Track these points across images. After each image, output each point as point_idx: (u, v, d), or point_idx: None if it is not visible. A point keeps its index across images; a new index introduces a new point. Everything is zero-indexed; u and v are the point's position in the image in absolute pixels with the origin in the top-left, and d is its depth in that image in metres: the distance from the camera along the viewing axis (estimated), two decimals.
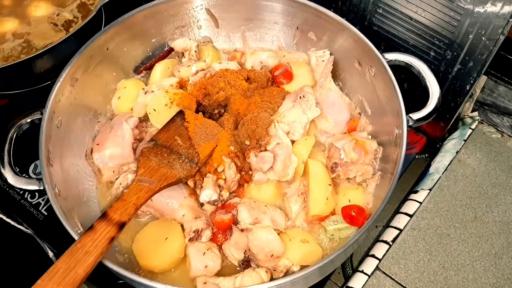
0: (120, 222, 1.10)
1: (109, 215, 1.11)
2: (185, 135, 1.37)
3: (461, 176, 1.60)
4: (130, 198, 1.16)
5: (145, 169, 1.26)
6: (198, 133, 1.37)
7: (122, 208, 1.13)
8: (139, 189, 1.21)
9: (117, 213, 1.11)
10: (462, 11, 1.33)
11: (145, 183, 1.22)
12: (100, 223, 1.09)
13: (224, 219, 1.31)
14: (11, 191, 1.59)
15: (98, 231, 1.06)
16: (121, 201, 1.16)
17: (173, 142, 1.36)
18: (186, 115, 1.40)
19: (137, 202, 1.16)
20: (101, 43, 1.49)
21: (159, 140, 1.36)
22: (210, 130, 1.38)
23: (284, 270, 1.27)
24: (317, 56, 1.55)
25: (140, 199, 1.18)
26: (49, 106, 1.33)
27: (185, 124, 1.39)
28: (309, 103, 1.44)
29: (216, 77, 1.51)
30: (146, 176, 1.24)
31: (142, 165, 1.28)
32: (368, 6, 1.55)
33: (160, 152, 1.32)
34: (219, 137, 1.37)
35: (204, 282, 1.24)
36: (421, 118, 1.30)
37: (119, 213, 1.11)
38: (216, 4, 1.66)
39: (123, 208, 1.13)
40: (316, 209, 1.35)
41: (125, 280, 1.16)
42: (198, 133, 1.37)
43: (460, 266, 1.43)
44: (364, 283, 1.41)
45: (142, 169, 1.27)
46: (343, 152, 1.37)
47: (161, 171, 1.27)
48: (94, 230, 1.07)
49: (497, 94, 1.68)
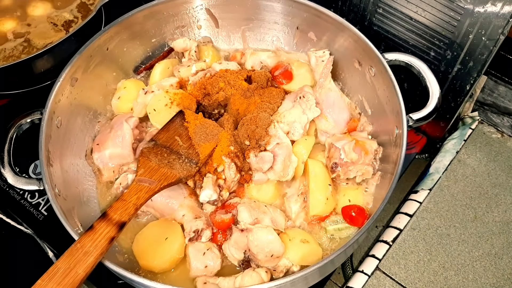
0: (120, 222, 1.09)
1: (109, 215, 1.11)
2: (185, 135, 1.37)
3: (461, 176, 1.60)
4: (130, 198, 1.16)
5: (145, 169, 1.26)
6: (198, 133, 1.37)
7: (122, 208, 1.13)
8: (139, 189, 1.21)
9: (117, 213, 1.11)
10: (462, 11, 1.33)
11: (145, 183, 1.22)
12: (100, 223, 1.08)
13: (224, 219, 1.31)
14: (11, 191, 1.59)
15: (98, 231, 1.06)
16: (121, 201, 1.16)
17: (173, 142, 1.36)
18: (186, 115, 1.40)
19: (137, 202, 1.16)
20: (101, 43, 1.49)
21: (159, 140, 1.36)
22: (210, 130, 1.38)
23: (284, 270, 1.27)
24: (317, 56, 1.55)
25: (140, 199, 1.17)
26: (49, 106, 1.33)
27: (185, 124, 1.39)
28: (309, 103, 1.44)
29: (216, 77, 1.51)
30: (146, 176, 1.24)
31: (142, 165, 1.28)
32: (368, 6, 1.55)
33: (160, 152, 1.32)
34: (219, 137, 1.37)
35: (204, 282, 1.24)
36: (421, 118, 1.30)
37: (119, 213, 1.11)
38: (216, 4, 1.66)
39: (123, 208, 1.13)
40: (316, 209, 1.35)
41: (125, 280, 1.16)
42: (198, 133, 1.37)
43: (460, 266, 1.43)
44: (364, 283, 1.41)
45: (142, 169, 1.26)
46: (343, 152, 1.37)
47: (161, 171, 1.27)
48: (94, 230, 1.06)
49: (497, 94, 1.68)
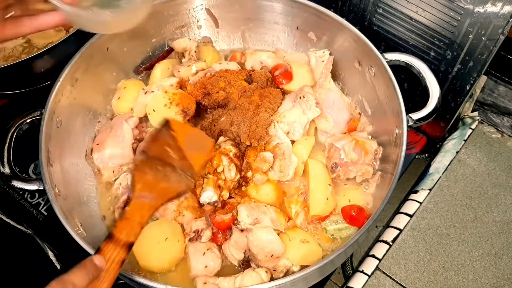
0: (128, 243, 1.05)
1: (115, 236, 1.05)
2: (175, 145, 1.31)
3: (461, 176, 1.60)
4: (133, 217, 1.12)
5: (143, 184, 1.21)
6: (187, 143, 1.31)
7: (128, 228, 1.08)
8: (141, 206, 1.16)
9: (123, 233, 1.06)
10: (462, 11, 1.33)
11: (146, 199, 1.20)
12: (107, 246, 1.03)
13: (224, 219, 1.31)
14: (11, 191, 1.59)
15: (106, 254, 1.01)
16: (125, 220, 1.10)
17: (164, 153, 1.31)
18: (171, 124, 1.33)
19: (142, 221, 1.12)
20: (101, 43, 1.49)
21: (149, 151, 1.29)
22: (200, 140, 1.34)
23: (284, 270, 1.27)
24: (317, 56, 1.55)
25: (144, 217, 1.13)
26: (49, 106, 1.33)
27: (172, 134, 1.33)
28: (309, 103, 1.44)
29: (216, 77, 1.51)
30: (145, 191, 1.21)
31: (139, 180, 1.22)
32: (368, 6, 1.55)
33: (154, 164, 1.28)
34: (210, 147, 1.34)
35: (204, 282, 1.24)
36: (421, 118, 1.30)
37: (125, 233, 1.07)
38: (216, 4, 1.66)
39: (129, 228, 1.09)
40: (316, 209, 1.35)
41: (125, 280, 1.16)
42: (187, 143, 1.31)
43: (460, 266, 1.43)
44: (364, 283, 1.41)
45: (139, 184, 1.21)
46: (343, 152, 1.37)
47: (160, 186, 1.22)
48: (103, 254, 1.01)
49: (497, 94, 1.68)
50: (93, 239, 1.13)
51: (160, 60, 1.66)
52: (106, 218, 1.42)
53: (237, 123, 1.43)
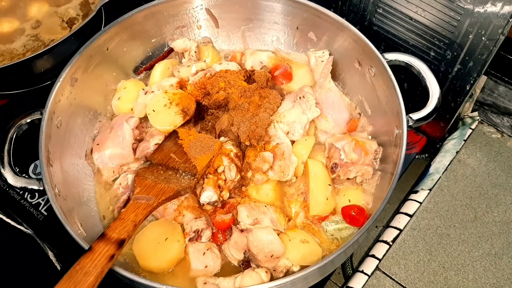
0: (119, 239, 1.08)
1: (107, 235, 1.08)
2: (180, 151, 1.36)
3: (461, 176, 1.60)
4: (128, 216, 1.15)
5: (142, 188, 1.25)
6: (193, 147, 1.36)
7: (120, 227, 1.11)
8: (137, 206, 1.19)
9: (115, 232, 1.09)
10: (462, 11, 1.33)
11: (142, 200, 1.21)
12: (98, 244, 1.06)
13: (224, 219, 1.31)
14: (11, 191, 1.59)
15: (96, 251, 1.04)
16: (119, 220, 1.14)
17: (169, 159, 1.34)
18: (179, 133, 1.40)
19: (136, 219, 1.15)
20: (101, 43, 1.49)
21: (154, 160, 1.35)
22: (205, 143, 1.37)
23: (284, 270, 1.27)
24: (317, 56, 1.55)
25: (139, 216, 1.16)
26: (49, 106, 1.33)
27: (179, 142, 1.38)
28: (309, 103, 1.45)
29: (216, 77, 1.51)
30: (143, 194, 1.23)
31: (138, 184, 1.26)
32: (368, 6, 1.55)
33: (156, 170, 1.31)
34: (215, 148, 1.36)
35: (204, 282, 1.24)
36: (421, 118, 1.30)
37: (118, 232, 1.10)
38: (216, 4, 1.66)
39: (122, 226, 1.11)
40: (316, 209, 1.35)
41: (125, 280, 1.16)
42: (193, 147, 1.36)
43: (460, 266, 1.43)
44: (364, 283, 1.41)
45: (138, 188, 1.25)
46: (343, 152, 1.37)
47: (158, 187, 1.25)
48: (93, 251, 1.04)
49: (497, 94, 1.68)
50: (93, 239, 1.12)
51: (160, 60, 1.66)
52: (105, 217, 1.42)
53: (237, 123, 1.43)
